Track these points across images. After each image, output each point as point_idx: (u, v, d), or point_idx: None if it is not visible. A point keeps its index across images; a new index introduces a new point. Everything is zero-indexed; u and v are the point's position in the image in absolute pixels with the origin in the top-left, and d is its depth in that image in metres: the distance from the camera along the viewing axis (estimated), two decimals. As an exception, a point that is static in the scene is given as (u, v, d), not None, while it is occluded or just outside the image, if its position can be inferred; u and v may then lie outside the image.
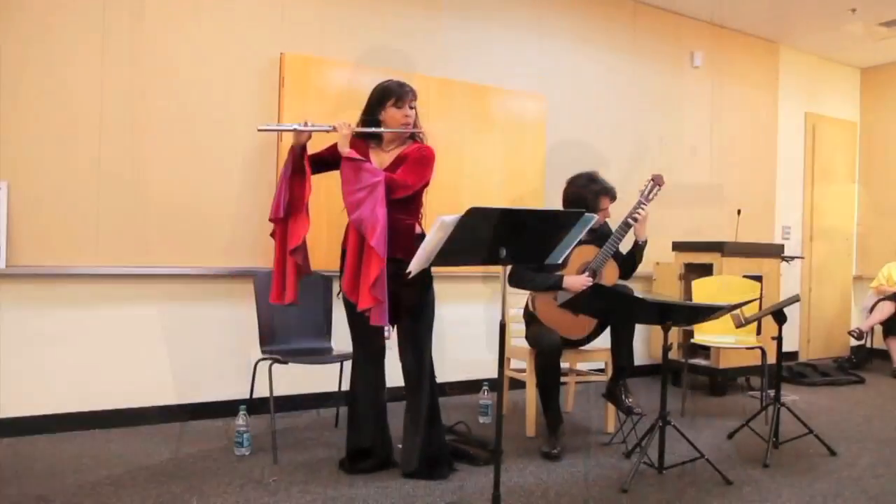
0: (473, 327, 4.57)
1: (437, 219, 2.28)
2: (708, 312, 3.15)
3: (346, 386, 3.15)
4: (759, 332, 4.30)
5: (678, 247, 5.16)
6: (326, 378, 3.85)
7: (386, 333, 2.93)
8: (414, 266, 2.48)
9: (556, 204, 3.68)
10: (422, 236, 2.90)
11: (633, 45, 5.41)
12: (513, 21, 4.80)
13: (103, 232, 3.50)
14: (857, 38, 6.07)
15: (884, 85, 6.87)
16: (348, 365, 3.14)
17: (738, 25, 5.91)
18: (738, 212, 5.18)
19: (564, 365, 3.67)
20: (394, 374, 3.01)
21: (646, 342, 5.38)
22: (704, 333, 4.30)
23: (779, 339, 3.40)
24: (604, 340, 3.56)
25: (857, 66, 7.00)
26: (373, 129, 2.87)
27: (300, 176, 2.86)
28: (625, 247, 3.53)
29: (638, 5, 5.42)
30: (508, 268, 3.19)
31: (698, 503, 2.71)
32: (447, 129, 4.38)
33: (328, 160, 2.91)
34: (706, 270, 4.86)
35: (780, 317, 3.37)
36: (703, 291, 4.38)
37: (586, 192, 3.49)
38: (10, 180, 3.30)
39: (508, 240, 2.39)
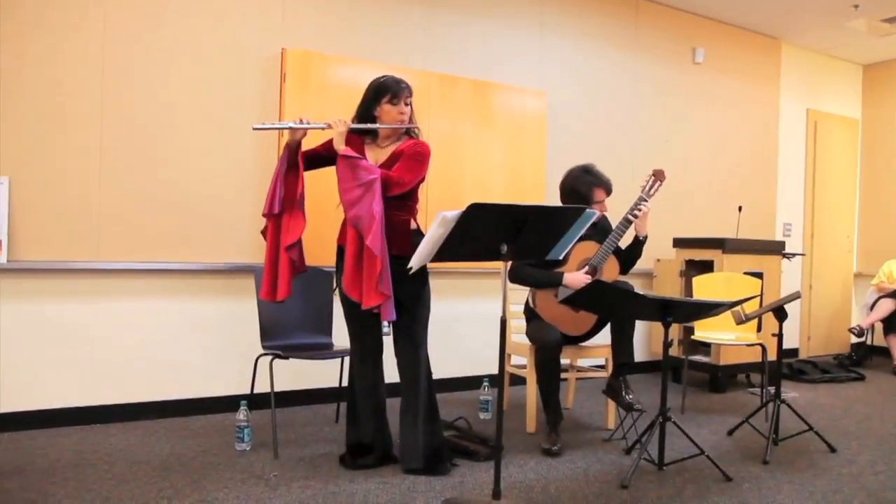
0: (474, 323, 4.57)
1: (439, 214, 2.28)
2: (708, 309, 3.15)
3: (346, 381, 3.15)
4: (759, 328, 4.30)
5: (679, 243, 5.16)
6: (327, 373, 3.86)
7: (385, 329, 2.92)
8: (415, 262, 2.48)
9: (557, 200, 3.68)
10: (417, 232, 2.91)
11: (634, 40, 5.40)
12: (514, 17, 4.79)
13: (104, 227, 3.50)
14: (860, 35, 6.06)
15: (886, 81, 6.86)
16: (349, 360, 3.14)
17: (740, 22, 5.90)
18: (740, 208, 5.17)
19: (565, 361, 3.67)
20: (393, 370, 3.01)
21: (646, 339, 5.38)
22: (705, 330, 4.30)
23: (779, 335, 3.39)
24: (604, 336, 3.56)
25: (860, 63, 6.98)
26: (368, 126, 2.87)
27: (295, 172, 2.86)
28: (625, 242, 3.52)
29: (640, 1, 5.41)
30: (509, 263, 3.19)
31: (698, 500, 2.71)
32: (448, 125, 4.38)
33: (324, 156, 2.90)
34: (707, 267, 4.86)
35: (780, 314, 3.37)
36: (704, 288, 4.38)
37: (579, 183, 3.50)
38: (11, 176, 3.30)
39: (509, 236, 2.39)
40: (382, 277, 2.63)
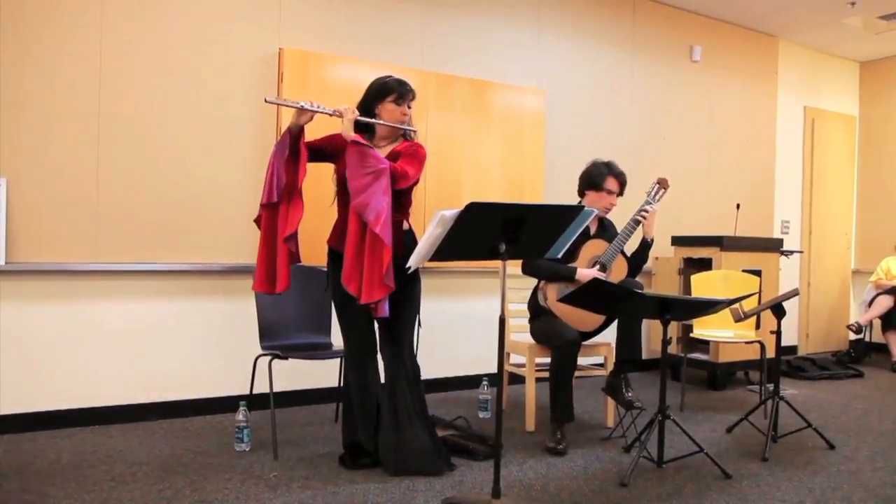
0: (473, 322, 4.57)
1: (437, 213, 2.28)
2: (707, 307, 3.16)
3: (345, 381, 3.16)
4: (758, 326, 4.31)
5: (677, 241, 5.17)
6: (326, 373, 3.86)
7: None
8: (414, 261, 2.48)
9: (556, 199, 3.69)
10: (409, 232, 2.91)
11: (632, 39, 5.40)
12: (512, 16, 4.79)
13: (102, 228, 3.50)
14: (857, 32, 6.06)
15: (883, 79, 6.87)
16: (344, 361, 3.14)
17: (737, 19, 5.90)
18: (737, 206, 5.18)
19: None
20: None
21: (645, 337, 5.36)
22: (703, 328, 4.31)
23: (778, 333, 3.40)
24: (604, 335, 3.56)
25: (856, 60, 6.99)
26: (376, 121, 2.86)
27: (294, 160, 2.81)
28: (632, 245, 3.54)
29: (637, -1, 5.42)
30: (508, 263, 3.19)
31: (698, 497, 2.72)
32: (446, 125, 4.38)
33: (324, 150, 2.88)
34: (705, 265, 4.87)
35: (779, 311, 3.37)
36: (703, 286, 4.38)
37: (596, 170, 3.58)
38: (9, 177, 3.30)
39: (508, 235, 2.39)
40: (389, 270, 2.61)
